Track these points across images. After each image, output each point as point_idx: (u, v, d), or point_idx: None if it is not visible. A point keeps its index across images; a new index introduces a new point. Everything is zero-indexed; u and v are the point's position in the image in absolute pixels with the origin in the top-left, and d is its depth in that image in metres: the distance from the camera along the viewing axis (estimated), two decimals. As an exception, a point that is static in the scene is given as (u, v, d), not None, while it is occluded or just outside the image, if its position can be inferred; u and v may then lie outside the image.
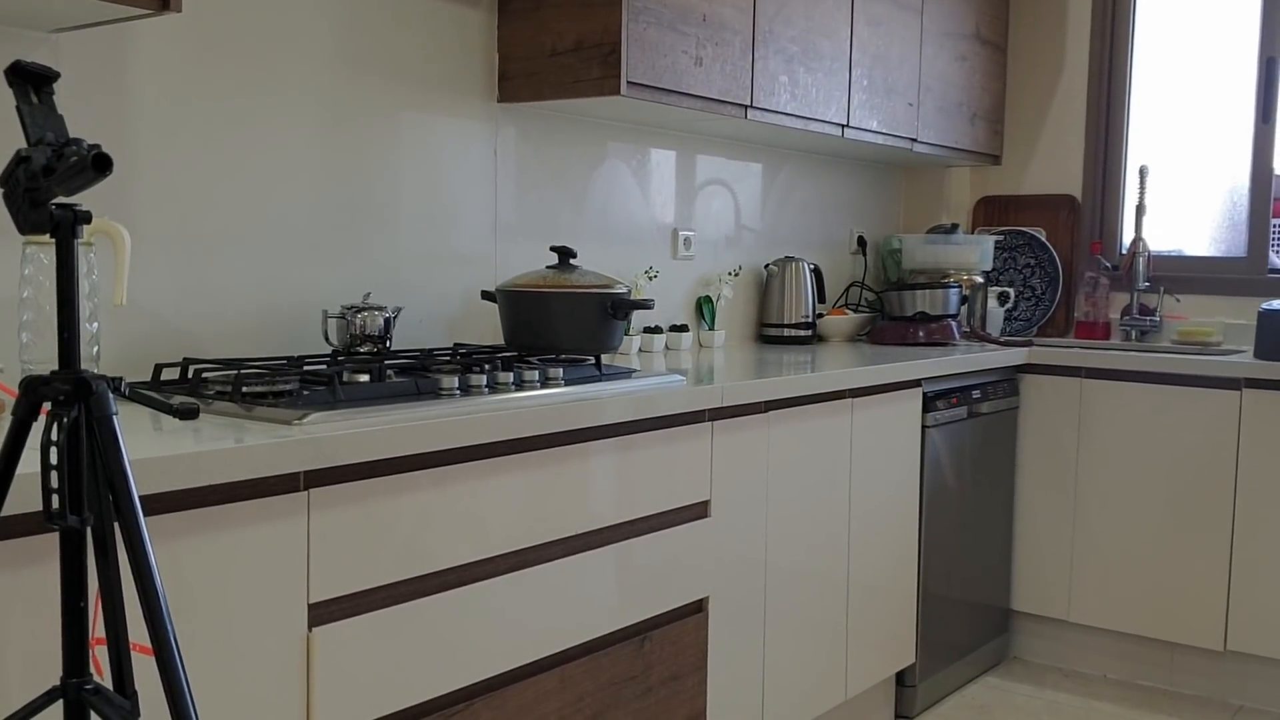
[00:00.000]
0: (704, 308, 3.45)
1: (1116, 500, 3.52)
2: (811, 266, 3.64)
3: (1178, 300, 3.94)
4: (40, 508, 1.25)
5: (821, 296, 3.69)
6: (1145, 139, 4.07)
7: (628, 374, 2.34)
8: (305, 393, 1.89)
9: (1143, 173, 3.92)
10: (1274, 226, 3.86)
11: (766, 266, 3.68)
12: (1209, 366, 3.35)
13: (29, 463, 1.30)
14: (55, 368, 1.25)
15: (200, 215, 2.23)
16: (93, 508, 1.24)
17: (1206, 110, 3.96)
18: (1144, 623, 3.50)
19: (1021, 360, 3.59)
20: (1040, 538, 3.66)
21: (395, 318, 2.38)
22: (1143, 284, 3.92)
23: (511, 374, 2.11)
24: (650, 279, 3.21)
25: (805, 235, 3.91)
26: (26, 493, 1.32)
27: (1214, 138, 3.94)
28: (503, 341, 2.65)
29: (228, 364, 2.07)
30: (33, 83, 1.27)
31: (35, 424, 1.26)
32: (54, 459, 1.22)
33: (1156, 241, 4.02)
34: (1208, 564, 3.39)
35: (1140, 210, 3.93)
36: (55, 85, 1.30)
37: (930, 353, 3.37)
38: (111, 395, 1.24)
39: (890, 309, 3.74)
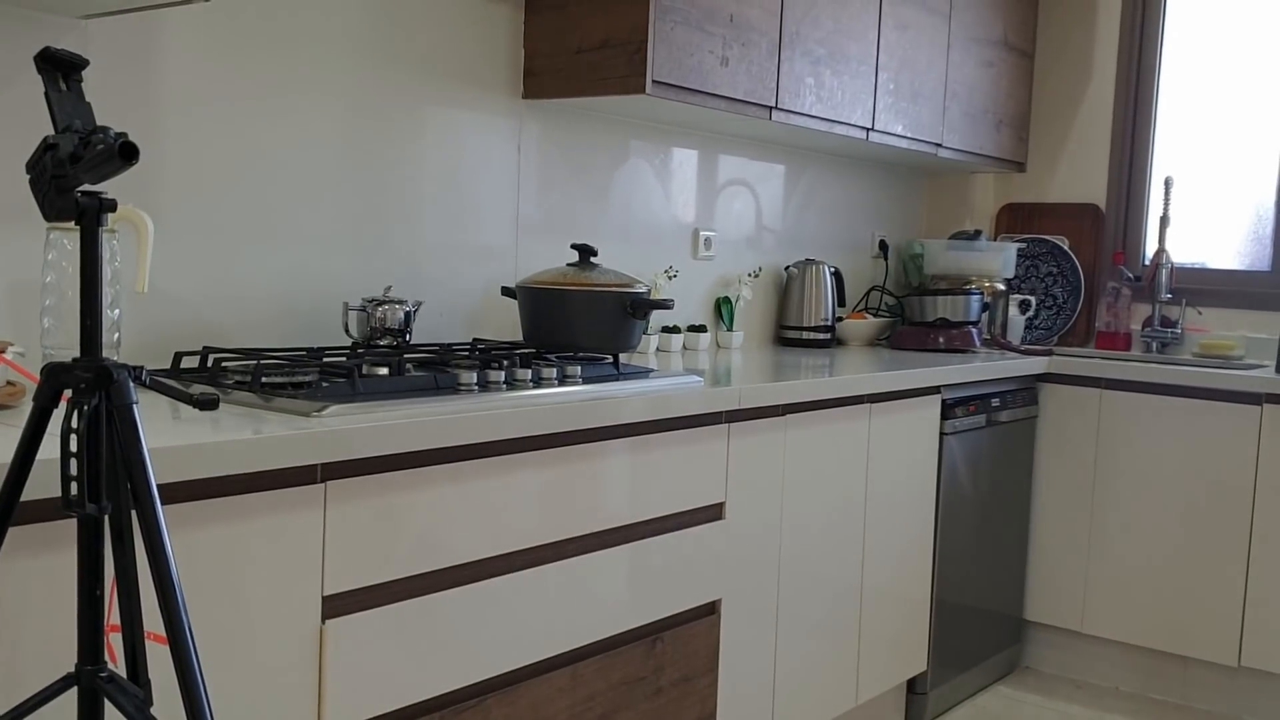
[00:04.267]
0: (723, 308, 3.44)
1: (1133, 512, 3.50)
2: (832, 269, 3.63)
3: (1200, 313, 3.91)
4: (59, 494, 1.25)
5: (842, 300, 3.68)
6: (1171, 150, 4.04)
7: (645, 374, 2.34)
8: (324, 385, 1.89)
9: (1168, 184, 3.90)
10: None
11: (787, 268, 3.67)
12: (1230, 380, 3.33)
13: (48, 449, 1.30)
14: (76, 353, 1.25)
15: (223, 204, 2.24)
16: (111, 496, 1.24)
17: (1233, 123, 3.93)
18: (1158, 636, 3.48)
19: (1041, 369, 3.57)
20: (1056, 548, 3.64)
21: (415, 311, 2.38)
22: (1165, 295, 3.89)
23: (530, 371, 2.10)
24: (670, 278, 3.21)
25: (827, 238, 3.90)
26: (45, 479, 1.33)
27: (1240, 151, 3.91)
28: (521, 338, 2.65)
29: (247, 353, 2.07)
30: (62, 70, 1.27)
31: (55, 410, 1.27)
32: (74, 446, 1.22)
33: (1180, 253, 4.00)
34: (1224, 579, 3.37)
35: (1164, 221, 3.91)
36: (83, 71, 1.30)
37: (950, 359, 3.35)
38: (132, 384, 1.24)
39: (911, 314, 3.72)
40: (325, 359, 2.15)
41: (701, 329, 3.31)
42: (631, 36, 2.58)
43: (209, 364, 2.07)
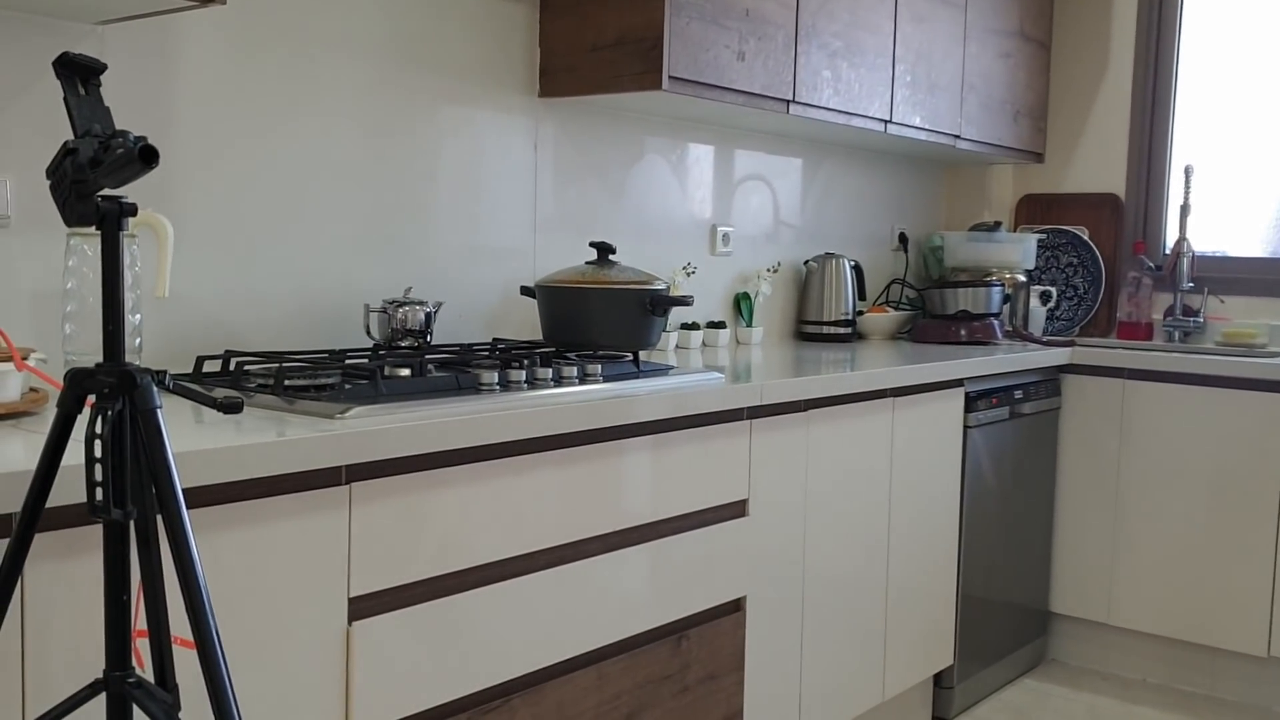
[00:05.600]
0: (742, 304, 3.43)
1: (1158, 502, 3.48)
2: (852, 263, 3.61)
3: (1222, 301, 3.88)
4: (84, 499, 1.25)
5: (862, 294, 3.66)
6: (1191, 138, 4.01)
7: (666, 371, 2.33)
8: (347, 386, 1.88)
9: (1188, 172, 3.87)
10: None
11: (806, 263, 3.65)
12: (1253, 369, 3.30)
13: (73, 454, 1.30)
14: (98, 359, 1.25)
15: (242, 207, 2.24)
16: (136, 501, 1.23)
17: (1254, 110, 3.90)
18: (1185, 627, 3.45)
19: (1064, 360, 3.55)
20: (1080, 539, 3.62)
21: (436, 312, 2.37)
22: (1186, 285, 3.86)
23: (550, 370, 2.10)
24: (688, 275, 3.20)
25: (846, 231, 3.88)
26: (70, 485, 1.32)
27: (1261, 138, 3.88)
28: (541, 337, 2.65)
29: (269, 357, 2.07)
30: (80, 74, 1.27)
31: (79, 416, 1.26)
32: (98, 452, 1.21)
33: (1200, 242, 3.96)
34: (1251, 568, 3.34)
35: (1185, 210, 3.88)
36: (101, 77, 1.30)
37: (972, 352, 3.33)
38: (155, 388, 1.24)
39: (932, 307, 3.70)
40: (347, 361, 2.15)
41: (721, 325, 3.30)
42: (647, 33, 2.57)
43: (231, 367, 2.07)
